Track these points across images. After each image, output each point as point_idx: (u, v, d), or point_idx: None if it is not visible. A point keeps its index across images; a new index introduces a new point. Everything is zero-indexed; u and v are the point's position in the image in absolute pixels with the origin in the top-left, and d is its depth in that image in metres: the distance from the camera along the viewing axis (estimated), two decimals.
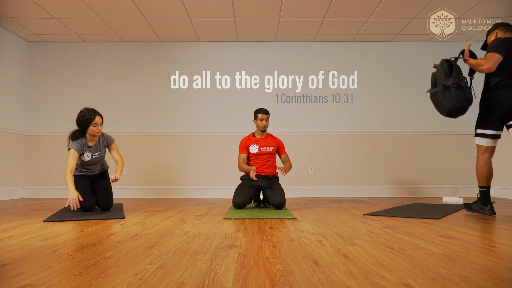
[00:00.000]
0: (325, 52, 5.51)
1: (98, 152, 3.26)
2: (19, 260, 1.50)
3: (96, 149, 3.24)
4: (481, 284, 1.16)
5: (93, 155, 3.22)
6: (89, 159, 3.20)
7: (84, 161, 3.20)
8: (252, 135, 3.77)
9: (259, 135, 3.75)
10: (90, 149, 3.19)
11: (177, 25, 4.90)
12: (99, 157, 3.28)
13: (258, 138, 3.74)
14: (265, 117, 3.67)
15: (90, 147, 3.19)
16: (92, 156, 3.21)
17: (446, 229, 2.25)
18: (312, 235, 2.06)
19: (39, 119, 5.37)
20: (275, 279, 1.23)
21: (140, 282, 1.21)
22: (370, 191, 5.29)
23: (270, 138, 3.77)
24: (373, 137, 5.37)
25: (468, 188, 5.27)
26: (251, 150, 3.69)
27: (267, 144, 3.71)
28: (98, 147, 3.24)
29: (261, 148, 3.68)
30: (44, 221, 2.67)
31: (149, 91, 5.43)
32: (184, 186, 5.30)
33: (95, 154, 3.23)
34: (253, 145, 3.69)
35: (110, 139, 3.33)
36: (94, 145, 3.22)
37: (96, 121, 3.10)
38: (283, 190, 3.58)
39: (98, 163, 3.34)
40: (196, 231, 2.22)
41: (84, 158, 3.18)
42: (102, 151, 3.30)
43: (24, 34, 5.16)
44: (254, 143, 3.70)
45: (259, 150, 3.67)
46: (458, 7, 4.38)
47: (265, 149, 3.69)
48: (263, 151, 3.68)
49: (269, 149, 3.70)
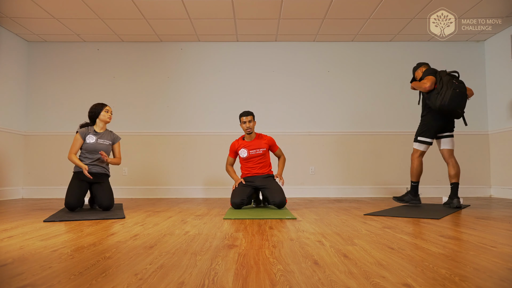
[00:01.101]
0: (325, 52, 5.51)
1: (104, 140, 3.40)
2: (19, 260, 1.50)
3: (102, 136, 3.41)
4: (481, 284, 1.16)
5: (99, 139, 3.38)
6: (93, 141, 3.34)
7: (88, 144, 3.33)
8: (241, 139, 3.75)
9: (247, 138, 3.72)
10: (96, 134, 3.39)
11: (177, 25, 4.90)
12: (103, 144, 3.38)
13: (247, 142, 3.70)
14: (247, 119, 3.60)
15: (96, 132, 3.40)
16: (97, 140, 3.36)
17: (446, 229, 2.25)
18: (312, 235, 2.06)
19: (39, 119, 5.38)
20: (275, 279, 1.23)
21: (140, 282, 1.20)
22: (370, 191, 5.29)
23: (259, 140, 3.70)
24: (373, 137, 5.37)
25: (468, 188, 5.28)
26: (241, 155, 3.67)
27: (256, 146, 3.66)
28: (104, 135, 3.43)
29: (250, 151, 3.64)
30: (44, 221, 2.67)
31: (149, 91, 5.43)
32: (184, 186, 5.30)
33: (100, 139, 3.38)
34: (242, 149, 3.67)
35: (117, 137, 3.55)
36: (101, 132, 3.42)
37: (107, 108, 3.43)
38: (281, 187, 3.57)
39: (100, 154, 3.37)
40: (196, 231, 2.22)
41: (88, 141, 3.34)
42: (107, 141, 3.42)
43: (24, 34, 5.16)
44: (243, 147, 3.67)
45: (248, 154, 3.64)
46: (458, 7, 4.38)
47: (255, 152, 3.65)
48: (253, 154, 3.65)
49: (259, 151, 3.65)
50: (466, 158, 5.33)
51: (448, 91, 3.33)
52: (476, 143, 5.35)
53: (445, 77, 3.43)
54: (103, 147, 3.38)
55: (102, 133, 3.42)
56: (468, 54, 5.47)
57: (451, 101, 3.33)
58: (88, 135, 3.36)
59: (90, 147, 3.34)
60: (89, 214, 3.01)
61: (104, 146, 3.39)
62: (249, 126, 3.62)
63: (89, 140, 3.35)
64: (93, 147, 3.34)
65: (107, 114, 3.41)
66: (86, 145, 3.34)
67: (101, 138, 3.40)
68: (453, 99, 3.33)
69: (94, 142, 3.35)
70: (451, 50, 5.48)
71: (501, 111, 5.12)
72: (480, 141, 5.35)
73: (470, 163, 5.34)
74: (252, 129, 3.65)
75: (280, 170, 3.75)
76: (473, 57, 5.47)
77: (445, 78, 3.41)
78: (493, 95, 5.29)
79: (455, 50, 5.49)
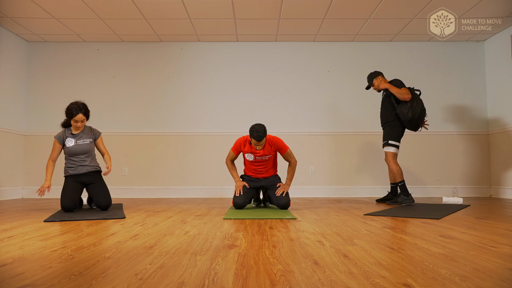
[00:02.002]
0: (325, 52, 5.51)
1: (83, 140, 3.32)
2: (19, 260, 1.50)
3: (81, 136, 3.33)
4: (481, 284, 1.16)
5: (78, 141, 3.30)
6: (72, 144, 3.28)
7: (69, 148, 3.27)
8: (249, 142, 3.47)
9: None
10: (73, 136, 3.31)
11: (177, 25, 4.90)
12: (83, 145, 3.30)
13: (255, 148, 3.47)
14: (259, 144, 3.31)
15: (73, 134, 3.32)
16: (76, 142, 3.29)
17: (446, 229, 2.25)
18: (312, 235, 2.06)
19: (39, 119, 5.38)
20: (275, 279, 1.23)
21: (140, 282, 1.20)
22: (370, 191, 5.29)
23: (267, 147, 3.47)
24: (373, 137, 5.37)
25: (469, 188, 5.28)
26: (247, 157, 3.53)
27: (263, 153, 3.47)
28: (82, 135, 3.34)
29: (256, 157, 3.49)
30: (44, 221, 2.67)
31: (149, 91, 5.43)
32: (184, 186, 5.30)
33: (79, 141, 3.31)
34: (249, 153, 3.50)
35: (97, 133, 3.45)
36: (78, 133, 3.34)
37: (77, 118, 3.23)
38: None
39: (85, 154, 3.32)
40: (196, 231, 2.21)
41: (68, 145, 3.28)
42: (87, 140, 3.34)
43: (24, 34, 5.16)
44: (250, 152, 3.49)
45: (254, 159, 3.51)
46: (458, 7, 4.38)
47: (261, 158, 3.49)
48: (259, 159, 3.51)
49: (265, 157, 3.49)
50: (466, 158, 5.33)
51: (418, 106, 3.79)
52: (476, 143, 5.35)
53: (414, 92, 3.88)
54: (84, 147, 3.31)
55: (79, 133, 3.33)
56: (468, 54, 5.47)
57: (419, 116, 3.80)
58: (66, 138, 3.30)
59: (72, 150, 3.28)
60: (89, 214, 3.01)
61: (85, 145, 3.32)
62: (259, 149, 3.38)
63: (69, 143, 3.28)
64: (73, 150, 3.28)
65: (75, 125, 3.26)
66: (67, 149, 3.28)
67: (80, 139, 3.32)
68: (421, 114, 3.82)
69: (73, 145, 3.28)
70: (451, 50, 5.48)
71: (501, 111, 5.12)
72: (480, 141, 5.35)
73: (470, 163, 5.34)
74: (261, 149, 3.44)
75: (288, 181, 3.51)
76: (473, 57, 5.47)
77: (415, 94, 3.87)
78: (493, 95, 5.29)
79: (455, 50, 5.49)
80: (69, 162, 3.31)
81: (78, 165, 3.30)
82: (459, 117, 5.37)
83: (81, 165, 3.31)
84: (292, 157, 3.54)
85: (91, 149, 3.38)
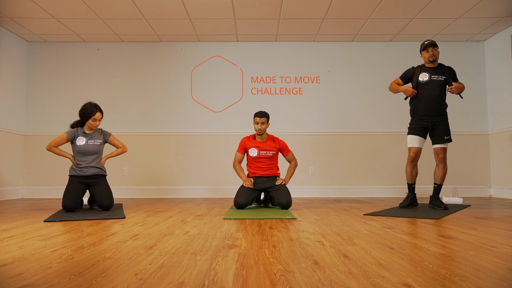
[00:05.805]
0: (325, 52, 5.51)
1: (94, 140, 3.37)
2: (19, 260, 1.50)
3: (92, 136, 3.37)
4: (481, 284, 1.16)
5: (89, 141, 3.34)
6: (83, 143, 3.31)
7: (79, 147, 3.30)
8: (253, 137, 3.71)
9: (258, 138, 3.70)
10: (85, 135, 3.36)
11: (177, 25, 4.90)
12: (93, 145, 3.34)
13: (258, 142, 3.68)
14: (260, 121, 3.59)
15: (86, 134, 3.37)
16: (87, 142, 3.33)
17: (446, 229, 2.25)
18: (312, 235, 2.06)
19: (39, 119, 5.37)
20: (275, 279, 1.23)
21: (140, 282, 1.20)
22: (370, 191, 5.29)
23: (271, 142, 3.70)
24: (373, 137, 5.37)
25: (468, 188, 5.28)
26: (251, 153, 3.66)
27: (267, 148, 3.64)
28: (94, 135, 3.39)
29: (260, 152, 3.63)
30: (44, 221, 2.67)
31: (149, 91, 5.43)
32: (184, 186, 5.30)
33: (90, 140, 3.35)
34: (253, 148, 3.64)
35: (107, 134, 3.52)
36: (91, 133, 3.39)
37: (96, 116, 3.32)
38: (287, 189, 3.56)
39: (94, 155, 3.35)
40: (196, 231, 2.21)
41: (78, 143, 3.31)
42: (98, 141, 3.39)
43: (24, 34, 5.16)
44: (254, 147, 3.65)
45: (258, 154, 3.63)
46: (458, 7, 4.38)
47: (265, 153, 3.64)
48: (263, 155, 3.63)
49: (269, 153, 3.64)
50: (466, 158, 5.33)
51: None
52: (476, 143, 5.35)
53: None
54: (94, 148, 3.35)
55: (92, 133, 3.39)
56: (468, 54, 5.47)
57: None
58: (78, 137, 3.33)
59: (81, 149, 3.31)
60: (89, 214, 3.01)
61: (95, 146, 3.35)
62: (261, 128, 3.60)
63: (80, 142, 3.31)
64: (84, 149, 3.31)
65: (93, 123, 3.33)
66: (77, 147, 3.31)
67: (92, 139, 3.36)
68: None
69: (84, 144, 3.31)
70: (451, 50, 5.48)
71: (501, 111, 5.12)
72: (480, 141, 5.35)
73: (470, 163, 5.34)
74: (263, 131, 3.62)
75: (288, 177, 3.72)
76: (473, 57, 5.47)
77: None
78: (493, 95, 5.29)
79: (455, 50, 5.49)
80: (78, 161, 3.34)
81: (85, 166, 3.32)
82: (459, 117, 5.37)
83: (88, 167, 3.33)
84: (294, 159, 3.78)
85: (100, 151, 3.42)
